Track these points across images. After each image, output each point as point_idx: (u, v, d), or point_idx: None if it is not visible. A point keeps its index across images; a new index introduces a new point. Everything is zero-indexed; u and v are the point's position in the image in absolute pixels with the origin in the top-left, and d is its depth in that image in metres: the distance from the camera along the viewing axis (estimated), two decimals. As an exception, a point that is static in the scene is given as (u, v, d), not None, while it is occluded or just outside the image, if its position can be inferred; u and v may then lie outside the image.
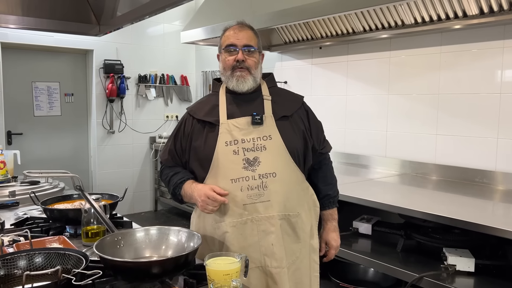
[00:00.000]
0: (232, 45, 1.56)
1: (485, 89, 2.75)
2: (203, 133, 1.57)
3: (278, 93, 1.68)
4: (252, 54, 1.57)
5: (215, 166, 1.52)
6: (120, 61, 5.15)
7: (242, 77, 1.55)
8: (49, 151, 5.03)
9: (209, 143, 1.54)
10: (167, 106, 5.66)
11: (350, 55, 3.58)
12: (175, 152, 1.66)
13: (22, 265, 1.14)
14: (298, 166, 1.58)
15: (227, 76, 1.58)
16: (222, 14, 3.60)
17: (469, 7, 2.52)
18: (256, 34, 1.61)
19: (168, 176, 1.67)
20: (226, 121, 1.55)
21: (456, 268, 2.02)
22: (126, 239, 1.35)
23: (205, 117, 1.59)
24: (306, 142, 1.61)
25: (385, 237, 2.55)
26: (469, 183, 2.78)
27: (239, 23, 1.61)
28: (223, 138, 1.52)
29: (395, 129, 3.30)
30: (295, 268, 1.58)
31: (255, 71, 1.58)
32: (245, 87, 1.57)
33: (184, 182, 1.58)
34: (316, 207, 1.69)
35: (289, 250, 1.56)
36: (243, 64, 1.54)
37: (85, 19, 2.89)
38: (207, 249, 1.57)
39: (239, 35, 1.56)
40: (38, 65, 4.91)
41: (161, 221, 5.28)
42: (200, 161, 1.57)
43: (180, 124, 1.66)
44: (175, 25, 5.59)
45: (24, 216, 1.95)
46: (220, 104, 1.59)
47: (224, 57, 1.59)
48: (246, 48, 1.55)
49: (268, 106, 1.59)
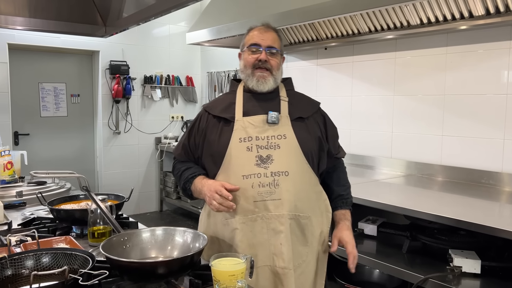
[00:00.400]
0: (256, 44, 1.57)
1: (492, 90, 2.74)
2: (217, 129, 1.58)
3: (295, 96, 1.68)
4: (275, 56, 1.58)
5: (227, 161, 1.52)
6: (126, 62, 5.18)
7: (263, 77, 1.56)
8: (55, 152, 5.07)
9: (223, 139, 1.55)
10: (172, 107, 5.68)
11: (355, 55, 3.58)
12: (188, 147, 1.67)
13: (30, 265, 1.15)
14: (312, 168, 1.57)
15: (248, 74, 1.59)
16: (227, 15, 3.61)
17: (475, 8, 2.51)
18: (280, 37, 1.62)
19: (180, 170, 1.67)
20: (241, 118, 1.55)
21: (462, 270, 2.01)
22: (132, 240, 1.35)
23: (220, 114, 1.60)
24: (322, 146, 1.61)
25: (391, 238, 2.54)
26: (475, 184, 2.76)
27: (264, 24, 1.62)
28: (237, 135, 1.53)
29: (401, 130, 3.29)
30: (301, 271, 1.56)
31: (276, 72, 1.59)
32: (265, 87, 1.58)
33: (195, 177, 1.59)
34: (329, 213, 1.66)
35: (296, 252, 1.54)
36: (266, 64, 1.55)
37: (91, 21, 2.91)
38: (216, 245, 1.58)
39: (264, 36, 1.57)
40: (44, 66, 4.95)
41: (167, 221, 5.30)
42: (212, 156, 1.57)
43: (196, 120, 1.67)
44: (180, 26, 5.61)
45: (31, 216, 1.96)
46: (236, 102, 1.60)
47: (246, 56, 1.59)
48: (269, 49, 1.56)
49: (285, 106, 1.59)
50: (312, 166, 1.57)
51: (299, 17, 2.92)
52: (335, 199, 1.69)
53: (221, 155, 1.54)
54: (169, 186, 5.53)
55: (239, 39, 3.80)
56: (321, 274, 1.65)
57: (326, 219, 1.66)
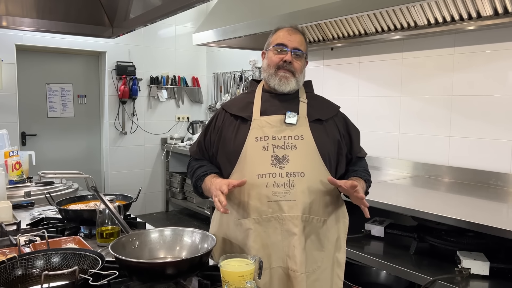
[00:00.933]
0: (283, 44, 1.55)
1: (500, 91, 2.72)
2: (234, 127, 1.57)
3: (315, 98, 1.67)
4: (300, 58, 1.57)
5: (243, 160, 1.51)
6: (132, 62, 5.20)
7: (286, 78, 1.55)
8: (62, 152, 5.09)
9: (239, 138, 1.54)
10: (178, 108, 5.69)
11: (362, 56, 3.57)
12: (203, 145, 1.67)
13: (40, 265, 1.16)
14: (329, 171, 1.54)
15: (270, 73, 1.57)
16: (234, 16, 3.61)
17: (483, 8, 2.49)
18: (306, 40, 1.61)
19: (193, 168, 1.67)
20: (258, 118, 1.54)
21: (470, 272, 2.00)
22: (141, 240, 1.36)
23: (238, 112, 1.59)
24: (340, 149, 1.59)
25: (398, 239, 2.53)
26: (483, 186, 2.75)
27: (292, 26, 1.60)
28: (253, 134, 1.52)
29: (408, 131, 3.28)
30: (315, 278, 1.53)
31: (299, 75, 1.57)
32: (287, 88, 1.56)
33: (207, 176, 1.58)
34: (345, 219, 1.63)
35: (311, 257, 1.52)
36: (290, 66, 1.54)
37: (98, 22, 2.93)
38: (228, 245, 1.57)
39: (291, 37, 1.56)
40: (51, 67, 4.98)
41: (172, 222, 5.31)
42: (227, 154, 1.56)
43: (213, 118, 1.67)
44: (186, 27, 5.62)
45: (39, 216, 1.98)
46: (255, 101, 1.59)
47: (271, 55, 1.58)
48: (295, 51, 1.55)
49: (303, 107, 1.58)
50: (330, 169, 1.54)
51: (306, 18, 2.92)
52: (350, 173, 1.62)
53: (236, 154, 1.52)
54: (175, 187, 5.54)
55: (245, 40, 3.84)
56: (337, 283, 1.60)
57: (343, 225, 1.63)
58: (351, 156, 1.67)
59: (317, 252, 1.54)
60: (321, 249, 1.55)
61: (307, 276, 1.50)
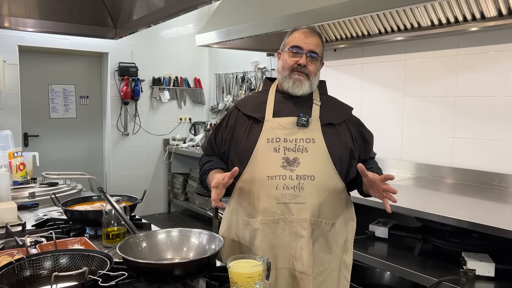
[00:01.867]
0: (298, 47, 1.54)
1: (503, 92, 2.72)
2: (246, 127, 1.57)
3: (328, 100, 1.66)
4: (315, 61, 1.55)
5: (254, 161, 1.51)
6: (134, 63, 5.20)
7: (300, 81, 1.54)
8: (64, 153, 5.09)
9: (251, 138, 1.54)
10: (180, 109, 5.69)
11: (365, 57, 3.57)
12: (214, 142, 1.68)
13: (48, 266, 1.16)
14: (339, 175, 1.54)
15: (284, 76, 1.57)
16: (237, 17, 3.62)
17: (487, 9, 2.49)
18: (323, 42, 1.59)
19: (202, 162, 1.68)
20: (271, 119, 1.54)
21: (475, 273, 2.00)
22: (148, 241, 1.36)
23: (251, 113, 1.59)
24: (352, 153, 1.59)
25: (402, 240, 2.53)
26: (487, 187, 2.74)
27: (309, 28, 1.58)
28: (265, 135, 1.52)
29: (411, 132, 3.28)
30: (322, 279, 1.53)
31: (313, 78, 1.56)
32: (300, 91, 1.55)
33: (212, 170, 1.58)
34: (353, 222, 1.64)
35: (318, 259, 1.52)
36: (304, 69, 1.53)
37: (102, 23, 2.93)
38: (237, 245, 1.58)
39: (308, 40, 1.54)
40: (54, 67, 4.98)
41: (174, 223, 5.31)
42: (239, 155, 1.56)
43: (226, 116, 1.67)
44: (188, 28, 5.63)
45: (44, 217, 1.97)
46: (268, 102, 1.58)
47: (286, 57, 1.57)
48: (310, 54, 1.54)
49: (316, 110, 1.57)
50: (340, 173, 1.54)
51: (309, 19, 2.92)
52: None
53: (248, 154, 1.52)
54: (177, 188, 5.54)
55: (248, 41, 3.84)
56: (344, 284, 1.61)
57: (351, 227, 1.63)
58: (366, 158, 1.67)
59: (325, 255, 1.54)
60: (329, 252, 1.55)
61: (314, 278, 1.51)
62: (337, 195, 1.55)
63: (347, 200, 1.62)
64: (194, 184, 5.26)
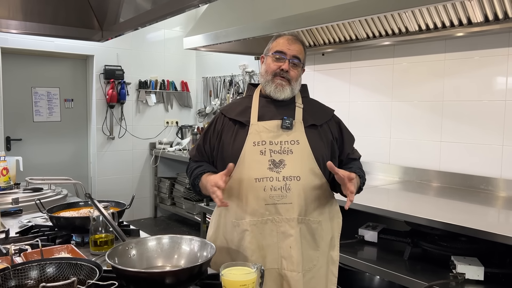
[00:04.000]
0: (282, 52, 1.59)
1: (490, 96, 2.75)
2: (233, 132, 1.60)
3: (310, 103, 1.71)
4: (297, 67, 1.62)
5: (241, 164, 1.54)
6: (120, 66, 5.14)
7: (281, 85, 1.59)
8: (48, 157, 4.99)
9: (237, 142, 1.57)
10: (167, 112, 5.65)
11: (353, 61, 3.58)
12: (203, 148, 1.69)
13: (34, 276, 1.12)
14: (323, 174, 1.59)
15: (267, 80, 1.62)
16: (225, 20, 3.60)
17: (474, 15, 2.52)
18: (305, 50, 1.66)
19: (191, 169, 1.69)
20: (256, 123, 1.58)
21: (465, 277, 2.00)
22: (137, 248, 1.33)
23: (236, 117, 1.62)
24: (334, 152, 1.64)
25: (391, 244, 2.53)
26: (474, 190, 2.77)
27: (293, 35, 1.65)
28: (251, 138, 1.55)
29: (399, 136, 3.29)
30: (311, 276, 1.58)
31: (294, 83, 1.62)
32: (282, 95, 1.60)
33: (204, 174, 1.60)
34: (339, 219, 1.69)
35: (306, 256, 1.57)
36: (286, 74, 1.59)
37: (88, 25, 2.88)
38: (225, 246, 1.60)
39: (291, 46, 1.60)
40: (38, 70, 4.89)
41: (161, 228, 5.24)
42: (226, 158, 1.58)
43: (212, 122, 1.70)
44: (175, 31, 5.59)
45: (28, 224, 1.92)
46: (252, 106, 1.63)
47: (269, 61, 1.63)
48: (293, 60, 1.59)
49: (299, 113, 1.62)
50: (324, 172, 1.59)
51: (297, 23, 2.92)
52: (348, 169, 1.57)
53: (235, 158, 1.55)
54: (164, 192, 5.48)
55: (236, 44, 3.83)
56: (332, 279, 1.66)
57: (337, 224, 1.69)
58: (342, 158, 1.71)
59: (313, 252, 1.59)
60: (316, 249, 1.60)
61: (304, 275, 1.55)
62: (323, 194, 1.61)
63: (331, 198, 1.67)
64: (181, 188, 5.21)
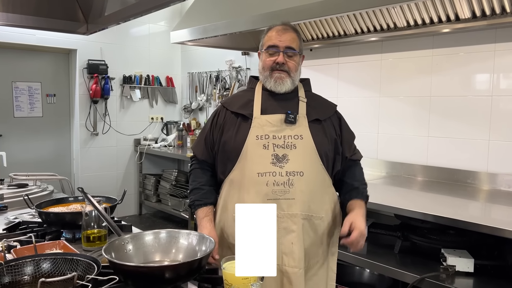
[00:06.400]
0: (274, 46, 1.56)
1: (477, 92, 2.80)
2: (235, 125, 1.57)
3: (313, 97, 1.69)
4: (293, 57, 1.58)
5: (243, 158, 1.52)
6: (104, 61, 5.04)
7: (281, 78, 1.56)
8: (29, 154, 4.87)
9: (240, 135, 1.54)
10: (152, 108, 5.57)
11: (341, 57, 3.59)
12: (206, 143, 1.64)
13: (29, 272, 1.08)
14: (326, 170, 1.57)
15: (266, 76, 1.59)
16: (213, 14, 3.56)
17: (461, 11, 2.55)
18: (299, 36, 1.61)
19: (192, 185, 1.66)
20: (259, 116, 1.55)
21: (455, 269, 2.03)
22: (134, 243, 1.29)
23: (239, 110, 1.59)
24: (337, 148, 1.62)
25: (381, 238, 2.55)
26: (461, 185, 2.81)
27: (283, 24, 1.60)
28: (254, 132, 1.52)
29: (387, 131, 3.32)
30: (313, 273, 1.57)
31: (294, 74, 1.58)
32: (283, 88, 1.58)
33: (200, 207, 1.60)
34: (340, 215, 1.67)
35: (309, 253, 1.55)
36: (283, 66, 1.55)
37: (72, 17, 2.81)
38: (226, 241, 1.58)
39: (282, 37, 1.56)
40: (18, 64, 4.75)
41: (146, 225, 5.18)
42: (228, 152, 1.56)
43: (213, 116, 1.66)
44: (160, 25, 5.51)
45: (15, 220, 1.86)
46: (255, 100, 1.59)
47: (264, 57, 1.60)
48: (287, 51, 1.55)
49: (303, 107, 1.59)
50: (327, 168, 1.58)
51: (285, 18, 2.86)
52: (351, 191, 1.64)
53: (237, 151, 1.53)
54: (149, 189, 5.41)
55: (223, 39, 3.79)
56: (331, 276, 1.64)
57: (339, 220, 1.66)
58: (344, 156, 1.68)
59: (315, 248, 1.57)
60: (319, 245, 1.58)
61: (306, 272, 1.53)
62: (325, 190, 1.59)
63: (334, 194, 1.65)
64: (167, 185, 5.15)
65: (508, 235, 1.83)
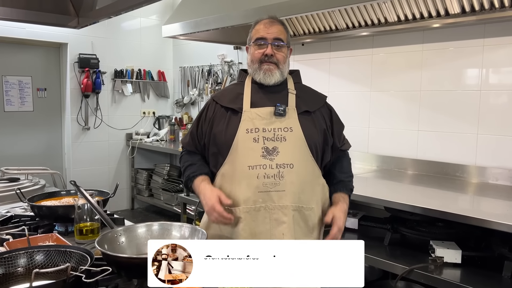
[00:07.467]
0: (262, 38, 1.58)
1: (466, 86, 2.83)
2: (225, 119, 1.59)
3: (303, 89, 1.70)
4: (281, 49, 1.60)
5: (234, 151, 1.53)
6: (95, 55, 5.01)
7: (270, 70, 1.58)
8: (20, 148, 4.84)
9: (230, 129, 1.55)
10: (144, 102, 5.56)
11: (332, 52, 3.61)
12: (196, 136, 1.67)
13: (23, 263, 1.09)
14: (315, 161, 1.59)
15: (255, 68, 1.61)
16: (205, 8, 3.56)
17: (451, 6, 2.58)
18: (286, 29, 1.63)
19: (184, 165, 1.68)
20: (249, 110, 1.56)
21: (444, 260, 2.07)
22: (127, 235, 1.31)
23: (228, 104, 1.60)
24: (326, 139, 1.64)
25: (372, 231, 2.58)
26: (450, 178, 2.86)
27: (270, 17, 1.63)
28: (244, 126, 1.54)
29: (377, 126, 3.35)
30: None
31: (283, 66, 1.60)
32: (272, 80, 1.59)
33: (196, 177, 1.60)
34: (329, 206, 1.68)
35: None
36: (272, 58, 1.57)
37: (63, 11, 2.80)
38: (218, 233, 1.59)
39: (270, 29, 1.59)
40: (8, 58, 4.71)
41: (139, 219, 5.18)
42: (219, 146, 1.57)
43: (203, 110, 1.68)
44: (152, 19, 5.49)
45: (7, 214, 1.86)
46: (244, 93, 1.61)
47: (253, 50, 1.61)
48: (275, 43, 1.58)
49: (292, 99, 1.61)
50: (316, 159, 1.60)
51: (277, 12, 2.88)
52: (336, 184, 1.69)
53: (227, 145, 1.54)
54: (141, 184, 5.41)
55: (216, 33, 3.79)
56: None
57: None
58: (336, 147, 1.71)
59: (306, 239, 1.59)
60: (309, 235, 1.60)
61: None
62: (315, 181, 1.61)
63: (323, 185, 1.67)
64: (159, 179, 5.16)
65: (495, 226, 1.87)
